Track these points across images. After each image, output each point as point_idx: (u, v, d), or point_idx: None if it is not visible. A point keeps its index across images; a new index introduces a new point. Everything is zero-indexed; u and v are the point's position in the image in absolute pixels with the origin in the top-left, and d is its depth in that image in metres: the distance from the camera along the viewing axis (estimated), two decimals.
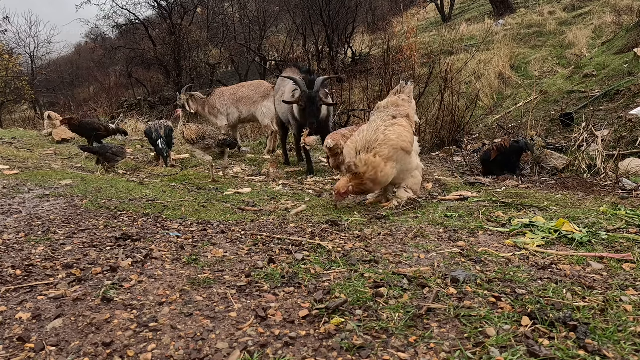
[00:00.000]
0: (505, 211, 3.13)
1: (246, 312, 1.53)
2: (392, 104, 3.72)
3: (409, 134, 3.50)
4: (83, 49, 35.68)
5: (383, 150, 3.29)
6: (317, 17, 17.42)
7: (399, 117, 3.57)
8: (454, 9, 23.23)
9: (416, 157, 3.70)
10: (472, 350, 1.27)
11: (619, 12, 14.39)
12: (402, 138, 3.40)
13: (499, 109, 12.06)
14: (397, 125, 3.49)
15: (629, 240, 2.29)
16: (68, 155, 6.91)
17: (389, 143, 3.34)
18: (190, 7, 23.43)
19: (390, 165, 3.33)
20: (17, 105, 22.80)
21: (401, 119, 3.55)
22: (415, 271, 1.86)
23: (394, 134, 3.41)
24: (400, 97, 3.78)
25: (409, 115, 3.68)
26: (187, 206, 3.24)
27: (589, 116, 8.43)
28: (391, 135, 3.40)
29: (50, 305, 1.56)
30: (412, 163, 3.55)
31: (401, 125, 3.49)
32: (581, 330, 1.34)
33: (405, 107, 3.71)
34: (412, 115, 3.76)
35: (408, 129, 3.53)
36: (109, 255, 2.06)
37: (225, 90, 8.63)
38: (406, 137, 3.44)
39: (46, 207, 3.01)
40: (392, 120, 3.54)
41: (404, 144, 3.39)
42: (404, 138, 3.41)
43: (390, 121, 3.52)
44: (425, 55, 13.49)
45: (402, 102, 3.72)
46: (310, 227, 2.65)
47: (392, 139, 3.37)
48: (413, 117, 3.77)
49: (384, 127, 3.45)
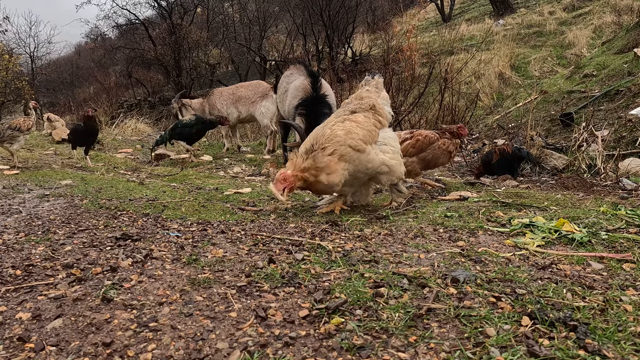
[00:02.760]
0: (505, 211, 3.13)
1: (246, 312, 1.53)
2: (355, 97, 3.46)
3: (363, 130, 3.11)
4: (83, 49, 35.70)
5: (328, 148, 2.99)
6: (317, 17, 17.41)
7: (358, 112, 3.25)
8: (454, 9, 23.22)
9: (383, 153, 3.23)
10: (472, 350, 1.27)
11: (619, 12, 14.38)
12: (350, 135, 3.05)
13: (499, 109, 12.05)
14: (350, 120, 3.17)
15: (629, 240, 2.29)
16: (68, 155, 6.91)
17: (334, 140, 3.02)
18: (190, 7, 23.43)
19: (341, 167, 3.00)
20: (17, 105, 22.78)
21: (358, 114, 3.23)
22: (415, 271, 1.86)
23: (342, 130, 3.07)
24: (366, 89, 3.52)
25: (375, 106, 3.33)
26: (187, 206, 3.24)
27: (589, 116, 8.43)
28: (338, 131, 3.07)
29: (50, 305, 1.56)
30: (372, 162, 3.12)
31: (354, 120, 3.16)
32: (581, 330, 1.34)
33: (371, 98, 3.39)
34: (380, 107, 3.40)
35: (364, 124, 3.16)
36: (109, 255, 2.06)
37: (224, 90, 8.64)
38: (357, 133, 3.07)
39: (46, 207, 3.01)
40: (347, 115, 3.25)
41: (352, 142, 3.02)
42: (352, 135, 3.05)
43: (344, 116, 3.23)
44: (425, 55, 13.49)
45: (367, 94, 3.43)
46: (310, 227, 2.65)
47: (339, 135, 3.04)
48: (381, 109, 3.41)
49: (333, 123, 3.16)
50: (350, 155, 3.02)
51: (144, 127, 12.34)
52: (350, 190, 3.33)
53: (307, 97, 5.83)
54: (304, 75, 5.98)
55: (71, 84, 30.81)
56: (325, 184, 3.00)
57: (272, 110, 8.08)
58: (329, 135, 3.05)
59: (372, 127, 3.20)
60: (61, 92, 28.89)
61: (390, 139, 3.35)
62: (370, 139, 3.14)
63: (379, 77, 3.70)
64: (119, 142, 9.22)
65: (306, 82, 5.88)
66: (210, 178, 5.23)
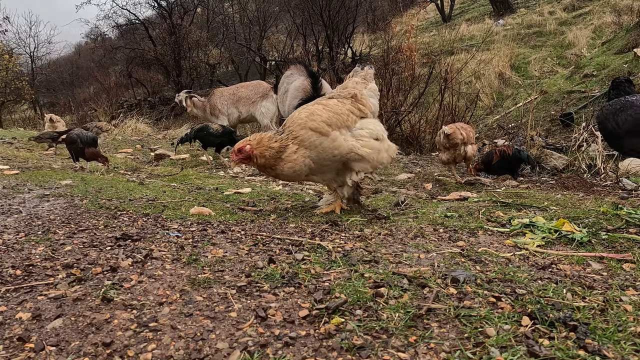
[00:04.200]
0: (505, 211, 3.13)
1: (246, 312, 1.52)
2: (341, 86, 3.36)
3: (329, 112, 2.96)
4: (83, 49, 35.71)
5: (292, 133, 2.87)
6: (317, 17, 17.41)
7: (335, 98, 3.14)
8: (454, 9, 23.23)
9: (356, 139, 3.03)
10: (472, 350, 1.27)
11: (619, 12, 14.39)
12: (312, 117, 2.89)
13: (499, 109, 12.05)
14: (319, 103, 3.05)
15: (629, 240, 2.29)
16: (68, 155, 6.91)
17: (296, 122, 2.91)
18: (190, 7, 23.43)
19: (301, 154, 2.85)
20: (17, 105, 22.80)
21: (332, 100, 3.10)
22: (415, 271, 1.86)
23: (306, 112, 2.94)
24: (353, 79, 3.40)
25: (356, 95, 3.18)
26: (187, 206, 3.24)
27: (589, 116, 8.42)
28: (302, 113, 2.94)
29: (50, 305, 1.56)
30: (339, 148, 2.92)
31: (323, 104, 3.03)
32: (581, 330, 1.34)
33: (357, 88, 3.25)
34: (362, 96, 3.22)
35: (333, 107, 3.00)
36: (109, 255, 2.06)
37: (225, 90, 8.65)
38: (319, 115, 2.90)
39: (46, 207, 3.01)
40: (323, 100, 3.13)
41: (313, 124, 2.86)
42: (314, 117, 2.89)
43: (319, 101, 3.12)
44: (425, 55, 13.49)
45: (353, 84, 3.30)
46: (310, 227, 2.65)
47: (301, 117, 2.91)
48: (363, 98, 3.23)
49: (304, 107, 3.05)
50: (311, 141, 2.85)
51: (144, 127, 12.34)
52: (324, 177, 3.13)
53: (307, 98, 5.82)
54: (304, 76, 5.98)
55: (71, 84, 30.83)
56: (286, 172, 2.88)
57: (272, 111, 8.08)
58: (295, 118, 2.95)
59: (346, 111, 3.03)
60: (61, 92, 28.90)
61: (369, 123, 3.14)
62: (338, 123, 2.96)
63: (369, 68, 3.58)
64: (119, 142, 9.22)
65: (306, 82, 5.88)
66: (210, 178, 5.23)
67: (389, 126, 9.79)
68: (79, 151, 5.31)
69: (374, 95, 3.41)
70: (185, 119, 15.76)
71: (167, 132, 11.99)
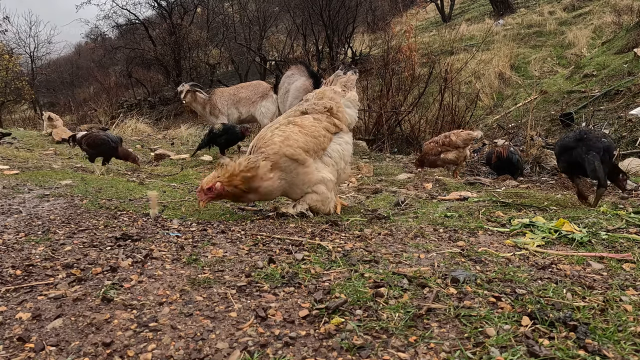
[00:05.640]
0: (505, 211, 3.13)
1: (246, 312, 1.52)
2: (316, 95, 3.10)
3: (306, 136, 2.76)
4: (83, 49, 35.72)
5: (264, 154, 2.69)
6: (317, 17, 17.42)
7: (311, 114, 2.91)
8: (454, 9, 23.23)
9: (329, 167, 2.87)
10: (472, 350, 1.27)
11: (619, 12, 14.39)
12: (287, 142, 2.71)
13: (499, 109, 12.05)
14: (294, 124, 2.81)
15: (629, 240, 2.29)
16: (68, 155, 6.91)
17: (270, 146, 2.72)
18: (190, 7, 23.43)
19: (277, 176, 2.69)
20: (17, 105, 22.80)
21: (307, 117, 2.88)
22: (415, 271, 1.86)
23: (280, 137, 2.73)
24: (332, 87, 3.15)
25: (332, 109, 2.95)
26: (187, 206, 3.24)
27: (589, 116, 8.43)
28: (276, 138, 2.73)
29: (50, 305, 1.56)
30: (309, 176, 2.77)
31: (299, 124, 2.81)
32: (581, 330, 1.34)
33: (334, 100, 3.01)
34: (338, 109, 2.99)
35: (309, 129, 2.80)
36: (109, 255, 2.06)
37: (225, 90, 8.66)
38: (296, 140, 2.71)
39: (46, 207, 3.01)
40: (296, 117, 2.89)
41: (289, 150, 2.68)
42: (290, 142, 2.70)
43: (292, 118, 2.88)
44: (425, 55, 13.49)
45: (332, 95, 3.06)
46: (310, 227, 2.65)
47: (275, 142, 2.71)
48: (340, 112, 2.99)
49: (277, 125, 2.83)
50: (287, 165, 2.70)
51: (144, 127, 12.33)
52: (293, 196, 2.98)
53: None
54: (305, 76, 5.99)
55: (71, 84, 30.83)
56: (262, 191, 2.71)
57: (272, 111, 8.08)
58: (267, 139, 2.74)
59: (322, 132, 2.84)
60: (61, 92, 28.91)
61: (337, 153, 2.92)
62: (315, 147, 2.79)
63: (352, 73, 3.30)
64: None
65: (308, 82, 5.89)
66: None
67: (389, 126, 9.81)
68: (111, 151, 5.20)
69: (352, 105, 3.18)
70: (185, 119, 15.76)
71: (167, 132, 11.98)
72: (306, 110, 2.95)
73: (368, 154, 8.39)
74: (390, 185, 5.13)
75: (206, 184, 2.69)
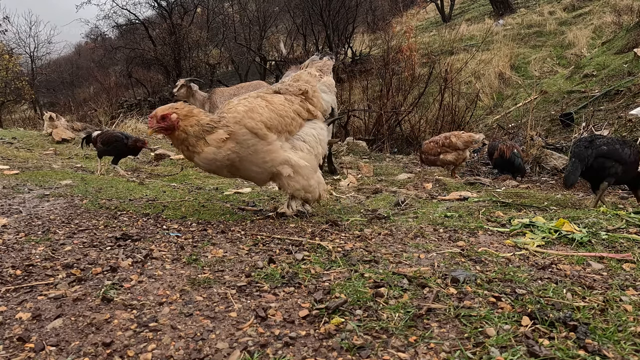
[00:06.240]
0: (505, 211, 3.13)
1: (246, 312, 1.52)
2: (292, 78, 2.98)
3: (272, 113, 2.62)
4: (83, 49, 35.72)
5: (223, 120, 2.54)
6: (317, 17, 17.42)
7: (284, 94, 2.78)
8: (454, 9, 23.23)
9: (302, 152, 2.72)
10: (472, 350, 1.27)
11: (619, 12, 14.40)
12: (251, 114, 2.55)
13: (499, 109, 12.05)
14: (263, 98, 2.68)
15: (629, 240, 2.29)
16: (68, 155, 6.91)
17: (231, 114, 2.56)
18: (190, 7, 23.44)
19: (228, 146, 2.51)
20: (17, 105, 22.81)
21: (279, 96, 2.75)
22: (415, 271, 1.86)
23: (244, 107, 2.58)
24: (307, 71, 3.04)
25: (307, 93, 2.81)
26: (187, 206, 3.24)
27: (589, 116, 8.43)
28: (240, 107, 2.59)
29: (50, 305, 1.56)
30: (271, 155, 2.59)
31: (268, 100, 2.67)
32: (581, 330, 1.34)
33: (310, 83, 2.88)
34: (314, 94, 2.86)
35: (278, 107, 2.66)
36: (109, 255, 2.06)
37: (225, 90, 8.65)
38: (260, 114, 2.56)
39: (46, 207, 3.01)
40: (267, 94, 2.78)
41: (250, 123, 2.52)
42: (254, 115, 2.55)
43: (264, 94, 2.77)
44: (425, 55, 13.49)
45: (308, 77, 2.93)
46: (310, 227, 2.65)
47: (239, 111, 2.56)
48: (315, 97, 2.87)
49: (246, 97, 2.71)
50: (245, 139, 2.52)
51: (144, 127, 12.32)
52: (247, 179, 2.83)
53: None
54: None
55: (71, 84, 30.83)
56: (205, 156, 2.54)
57: None
58: (232, 106, 2.60)
59: (291, 113, 2.69)
60: (61, 92, 28.91)
61: (312, 138, 2.78)
62: (280, 127, 2.62)
63: (328, 58, 3.17)
64: None
65: None
66: (210, 178, 5.23)
67: (389, 126, 9.81)
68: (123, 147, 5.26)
69: (329, 90, 3.02)
70: None
71: None
72: (279, 90, 2.82)
73: (368, 154, 8.39)
74: (390, 185, 5.13)
75: (161, 111, 2.54)
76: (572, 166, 3.26)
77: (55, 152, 7.21)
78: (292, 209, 2.89)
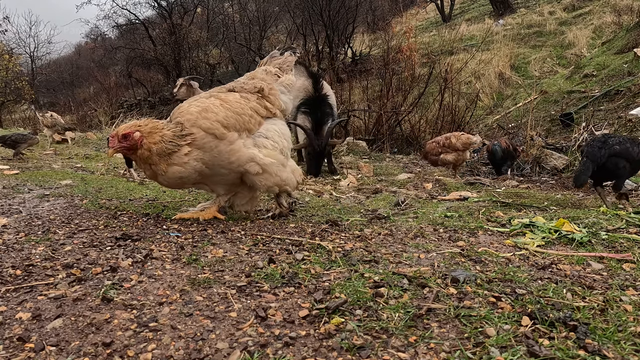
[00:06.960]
0: (505, 211, 3.13)
1: (246, 312, 1.52)
2: (249, 76, 2.87)
3: (228, 111, 2.50)
4: (83, 49, 35.73)
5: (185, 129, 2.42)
6: (317, 17, 17.42)
7: (239, 92, 2.67)
8: (454, 9, 23.23)
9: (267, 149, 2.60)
10: (472, 350, 1.27)
11: (619, 12, 14.40)
12: (205, 114, 2.44)
13: (499, 109, 12.05)
14: (216, 97, 2.58)
15: (629, 240, 2.29)
16: (68, 155, 6.91)
17: (185, 117, 2.45)
18: (190, 7, 23.44)
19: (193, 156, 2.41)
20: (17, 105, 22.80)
21: (234, 94, 2.64)
22: (415, 271, 1.86)
23: (198, 108, 2.46)
24: (264, 68, 2.91)
25: (263, 90, 2.70)
26: (187, 206, 3.24)
27: (589, 116, 8.43)
28: (193, 108, 2.47)
29: (50, 305, 1.56)
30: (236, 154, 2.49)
31: (222, 99, 2.57)
32: (581, 330, 1.34)
33: (266, 80, 2.76)
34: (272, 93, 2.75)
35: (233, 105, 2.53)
36: (109, 255, 2.06)
37: None
38: (215, 114, 2.45)
39: (46, 207, 3.01)
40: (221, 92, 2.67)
41: (205, 123, 2.41)
42: (208, 115, 2.44)
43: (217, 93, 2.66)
44: (425, 55, 13.49)
45: (264, 75, 2.81)
46: (310, 227, 2.65)
47: (192, 112, 2.44)
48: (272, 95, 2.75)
49: (198, 98, 2.61)
50: (205, 142, 2.41)
51: None
52: (220, 189, 2.72)
53: (308, 97, 5.85)
54: (304, 76, 6.00)
55: (71, 84, 30.83)
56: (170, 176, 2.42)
57: None
58: (184, 109, 2.47)
59: (249, 111, 2.59)
60: (61, 92, 28.91)
61: (275, 133, 2.69)
62: (238, 125, 2.51)
63: (289, 54, 3.00)
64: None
65: (307, 82, 5.90)
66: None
67: (389, 126, 9.81)
68: None
69: (287, 90, 2.91)
70: None
71: None
72: (233, 89, 2.71)
73: (368, 154, 8.39)
74: (390, 185, 5.13)
75: (123, 130, 2.39)
76: (583, 166, 3.26)
77: (55, 152, 7.21)
78: (284, 205, 2.86)
